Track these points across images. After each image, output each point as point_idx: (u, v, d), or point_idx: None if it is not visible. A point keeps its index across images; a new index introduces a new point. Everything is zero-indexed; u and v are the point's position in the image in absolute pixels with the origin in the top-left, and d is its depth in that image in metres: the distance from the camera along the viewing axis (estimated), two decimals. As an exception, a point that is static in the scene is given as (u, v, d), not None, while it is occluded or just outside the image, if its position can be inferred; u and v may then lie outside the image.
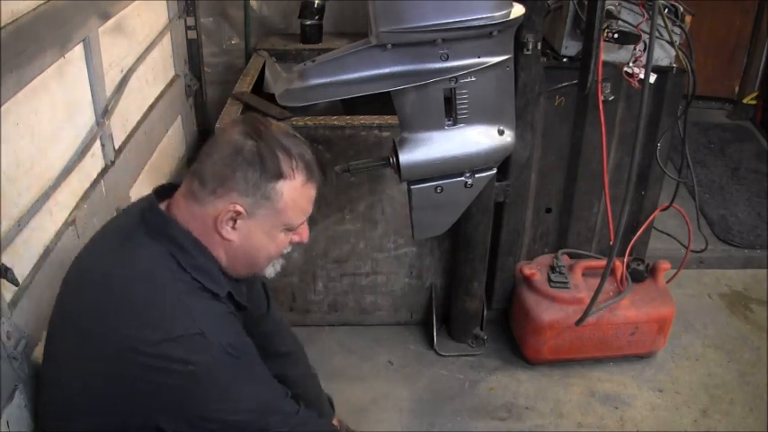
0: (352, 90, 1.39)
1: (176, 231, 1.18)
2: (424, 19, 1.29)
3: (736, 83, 4.00)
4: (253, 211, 1.17)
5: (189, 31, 2.76)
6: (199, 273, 1.18)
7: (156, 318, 1.11)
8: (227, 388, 1.16)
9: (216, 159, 1.16)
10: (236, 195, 1.15)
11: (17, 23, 1.31)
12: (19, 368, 1.27)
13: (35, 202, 1.42)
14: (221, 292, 1.21)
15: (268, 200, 1.17)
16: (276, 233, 1.23)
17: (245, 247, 1.22)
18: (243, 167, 1.14)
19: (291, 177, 1.17)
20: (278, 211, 1.19)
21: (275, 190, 1.16)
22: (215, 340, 1.12)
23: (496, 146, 1.48)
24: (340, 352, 2.37)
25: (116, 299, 1.14)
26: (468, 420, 2.12)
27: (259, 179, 1.15)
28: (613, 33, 1.93)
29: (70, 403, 1.20)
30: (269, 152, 1.15)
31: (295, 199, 1.19)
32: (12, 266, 1.25)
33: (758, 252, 2.93)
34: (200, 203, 1.18)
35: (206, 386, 1.13)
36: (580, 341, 2.25)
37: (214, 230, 1.19)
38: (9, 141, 1.31)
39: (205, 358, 1.11)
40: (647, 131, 2.23)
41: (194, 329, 1.11)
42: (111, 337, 1.11)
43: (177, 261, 1.16)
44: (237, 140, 1.15)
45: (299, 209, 1.22)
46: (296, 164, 1.18)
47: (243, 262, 1.25)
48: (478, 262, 2.25)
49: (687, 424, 2.13)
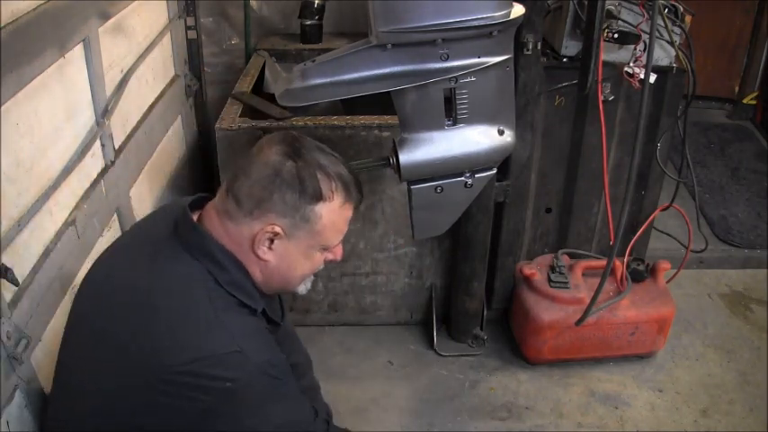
0: (352, 90, 1.39)
1: (213, 247, 1.16)
2: (424, 19, 1.29)
3: (736, 83, 4.00)
4: (291, 232, 1.16)
5: (189, 31, 2.76)
6: (235, 289, 1.16)
7: (193, 335, 1.10)
8: (262, 406, 1.15)
9: (254, 180, 1.14)
10: (274, 217, 1.14)
11: (17, 23, 1.31)
12: (19, 368, 1.27)
13: (35, 202, 1.41)
14: (258, 307, 1.21)
15: (307, 222, 1.16)
16: (312, 253, 1.23)
17: (280, 267, 1.21)
18: (282, 189, 1.13)
19: (330, 199, 1.17)
20: (316, 233, 1.18)
21: (314, 212, 1.16)
22: (254, 358, 1.11)
23: (496, 146, 1.49)
24: (340, 352, 2.37)
25: (151, 314, 1.12)
26: (468, 420, 2.12)
27: (298, 201, 1.14)
28: (613, 33, 1.93)
29: (87, 416, 1.17)
30: (308, 174, 1.14)
31: (334, 220, 1.19)
32: (12, 266, 1.25)
33: (758, 252, 2.92)
34: (236, 223, 1.16)
35: (241, 403, 1.11)
36: (580, 341, 2.25)
37: (250, 250, 1.17)
38: (9, 141, 1.31)
39: (243, 375, 1.09)
40: (647, 131, 2.23)
41: (233, 347, 1.09)
42: (144, 354, 1.09)
43: (214, 278, 1.15)
44: (276, 161, 1.14)
45: (336, 230, 1.22)
46: (335, 185, 1.17)
47: (277, 280, 1.24)
48: (478, 262, 2.25)
49: (687, 424, 2.13)
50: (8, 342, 1.24)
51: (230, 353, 1.09)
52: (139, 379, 1.09)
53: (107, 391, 1.13)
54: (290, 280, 1.26)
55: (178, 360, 1.07)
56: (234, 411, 1.11)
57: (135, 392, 1.10)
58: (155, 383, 1.08)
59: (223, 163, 2.10)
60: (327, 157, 1.19)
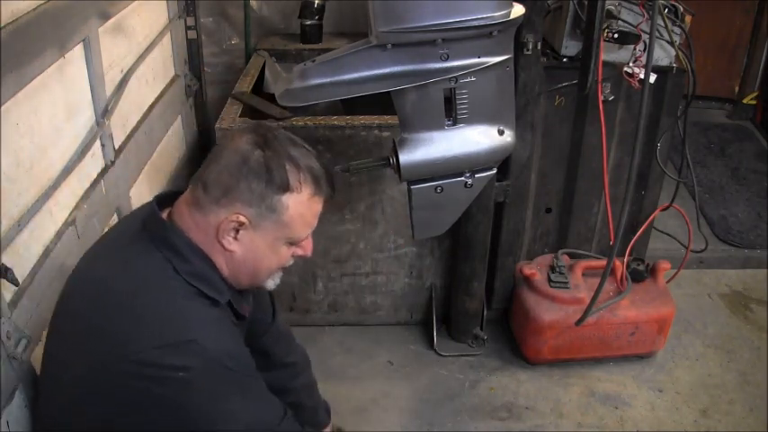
0: (352, 90, 1.39)
1: (175, 238, 1.16)
2: (424, 19, 1.29)
3: (736, 83, 4.00)
4: (256, 222, 1.15)
5: (189, 31, 2.76)
6: (196, 279, 1.16)
7: (150, 325, 1.09)
8: (221, 399, 1.13)
9: (222, 167, 1.14)
10: (240, 205, 1.13)
11: (17, 23, 1.30)
12: (19, 368, 1.27)
13: (35, 202, 1.41)
14: (221, 299, 1.20)
15: (273, 212, 1.15)
16: (279, 246, 1.21)
17: (246, 259, 1.20)
18: (249, 177, 1.12)
19: (298, 190, 1.15)
20: (282, 224, 1.17)
21: (281, 202, 1.14)
22: (210, 347, 1.09)
23: (496, 146, 1.49)
24: (340, 352, 2.37)
25: (113, 306, 1.13)
26: (469, 420, 2.12)
27: (265, 190, 1.13)
28: (613, 33, 1.93)
29: (66, 408, 1.18)
30: (277, 163, 1.13)
31: (301, 213, 1.18)
32: (12, 266, 1.25)
33: (758, 252, 2.93)
34: (203, 212, 1.16)
35: (198, 396, 1.10)
36: (580, 341, 2.25)
37: (216, 240, 1.17)
38: (9, 141, 1.31)
39: (197, 365, 1.08)
40: (647, 131, 2.23)
41: (188, 336, 1.08)
42: (107, 346, 1.10)
43: (173, 267, 1.14)
44: (245, 150, 1.13)
45: (304, 222, 1.20)
46: (303, 177, 1.16)
47: (244, 273, 1.23)
48: (478, 262, 2.25)
49: (687, 424, 2.13)
50: (8, 342, 1.24)
51: (185, 341, 1.07)
52: (102, 372, 1.09)
53: (78, 384, 1.14)
54: (257, 273, 1.24)
55: (134, 349, 1.06)
56: (191, 404, 1.10)
57: (100, 386, 1.10)
58: (114, 375, 1.08)
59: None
60: (298, 149, 1.18)
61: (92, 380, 1.11)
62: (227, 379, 1.13)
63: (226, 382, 1.13)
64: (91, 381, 1.11)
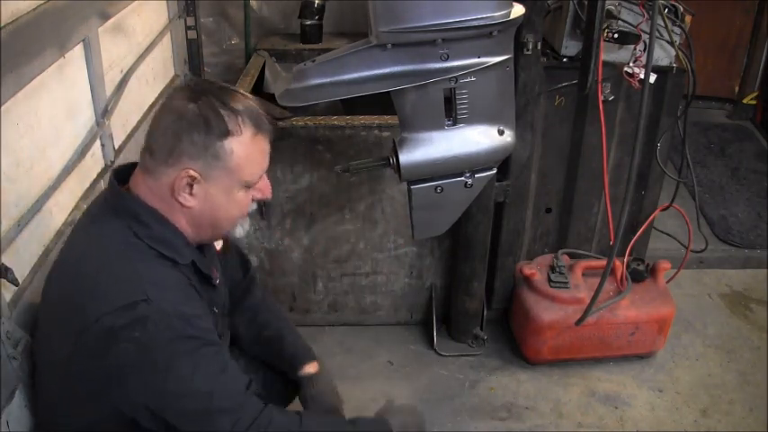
0: (352, 90, 1.39)
1: (133, 204, 1.18)
2: (423, 19, 1.29)
3: (736, 83, 4.00)
4: (206, 173, 1.16)
5: (189, 31, 2.76)
6: (156, 242, 1.17)
7: (106, 289, 1.11)
8: (175, 363, 1.11)
9: (162, 130, 1.16)
10: (187, 160, 1.14)
11: (17, 23, 1.30)
12: (19, 368, 1.27)
13: (35, 202, 1.42)
14: (182, 260, 1.21)
15: (219, 159, 1.15)
16: (235, 192, 1.21)
17: (205, 212, 1.20)
18: (188, 132, 1.13)
19: (239, 133, 1.15)
20: (232, 170, 1.17)
21: (224, 148, 1.15)
22: (163, 307, 1.10)
23: (496, 146, 1.48)
24: (340, 352, 2.37)
25: (75, 277, 1.16)
26: (469, 420, 2.12)
27: (206, 140, 1.13)
28: (613, 33, 1.93)
29: (55, 394, 1.21)
30: (212, 112, 1.13)
31: (247, 154, 1.18)
32: (12, 266, 1.25)
33: (758, 252, 2.93)
34: (155, 176, 1.17)
35: (153, 359, 1.09)
36: (580, 341, 2.25)
37: (173, 199, 1.18)
38: (9, 141, 1.31)
39: (149, 325, 1.08)
40: (647, 131, 2.23)
41: (139, 296, 1.09)
42: (70, 315, 1.12)
43: (134, 232, 1.17)
44: (179, 106, 1.14)
45: (253, 164, 1.20)
46: (241, 119, 1.16)
47: (207, 226, 1.24)
48: (478, 262, 2.25)
49: (687, 424, 2.13)
50: (8, 342, 1.24)
51: (137, 302, 1.08)
52: (69, 342, 1.12)
53: (63, 365, 1.15)
54: (220, 223, 1.25)
55: (92, 317, 1.08)
56: (147, 368, 1.10)
57: (70, 358, 1.12)
58: (79, 344, 1.10)
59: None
60: (232, 95, 1.18)
61: (69, 357, 1.13)
62: (178, 340, 1.11)
63: (178, 342, 1.11)
64: (69, 359, 1.13)
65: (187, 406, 1.13)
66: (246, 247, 2.27)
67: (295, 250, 2.29)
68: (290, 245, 2.28)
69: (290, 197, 2.18)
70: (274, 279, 2.35)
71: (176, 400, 1.13)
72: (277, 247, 2.28)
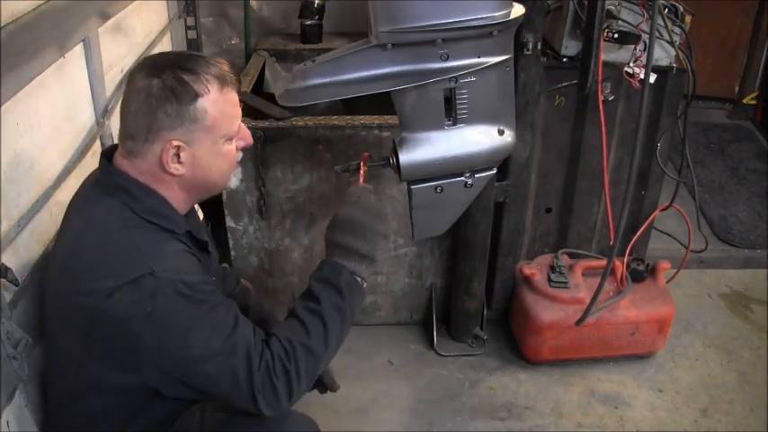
0: (352, 90, 1.38)
1: (126, 182, 1.22)
2: (423, 19, 1.29)
3: (736, 83, 4.00)
4: (189, 138, 1.20)
5: (189, 31, 2.76)
6: (153, 215, 1.21)
7: (109, 266, 1.14)
8: (191, 330, 1.15)
9: (133, 112, 1.19)
10: (167, 133, 1.18)
11: (17, 23, 1.30)
12: (19, 368, 1.27)
13: (35, 202, 1.42)
14: (179, 229, 1.24)
15: (196, 122, 1.19)
16: (219, 147, 1.25)
17: (197, 174, 1.25)
18: (160, 106, 1.17)
19: (206, 92, 1.19)
20: (210, 127, 1.21)
21: (197, 110, 1.19)
22: (167, 277, 1.13)
23: (496, 146, 1.48)
24: (340, 352, 2.35)
25: (76, 258, 1.19)
26: (469, 420, 2.12)
27: (178, 108, 1.17)
28: (613, 33, 1.93)
29: (70, 382, 1.25)
30: (175, 80, 1.17)
31: (220, 109, 1.22)
32: (12, 266, 1.25)
33: (758, 252, 2.93)
34: (141, 156, 1.21)
35: (169, 330, 1.13)
36: (580, 341, 2.25)
37: (164, 172, 1.22)
38: (9, 141, 1.31)
39: (159, 298, 1.11)
40: (647, 131, 2.23)
41: (145, 269, 1.12)
42: (76, 297, 1.15)
43: (130, 208, 1.20)
44: (143, 86, 1.18)
45: (228, 116, 1.24)
46: (204, 78, 1.19)
47: (201, 186, 1.29)
48: (478, 262, 2.25)
49: (687, 424, 2.13)
50: (8, 342, 1.24)
51: (143, 276, 1.12)
52: (78, 323, 1.15)
53: (67, 345, 1.21)
54: (214, 181, 1.29)
55: (101, 295, 1.11)
56: (164, 339, 1.14)
57: (84, 341, 1.16)
58: (93, 326, 1.14)
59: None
60: (190, 59, 1.22)
61: (84, 341, 1.17)
62: (190, 308, 1.15)
63: (190, 310, 1.15)
64: (84, 342, 1.17)
65: (207, 368, 1.17)
66: (246, 247, 2.27)
67: (295, 250, 2.29)
68: (290, 245, 2.28)
69: (290, 197, 2.18)
70: (274, 279, 2.35)
71: (198, 365, 1.17)
72: (277, 247, 2.29)
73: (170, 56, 1.25)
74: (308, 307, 1.30)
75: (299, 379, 1.23)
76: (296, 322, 1.28)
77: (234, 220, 2.22)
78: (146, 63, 1.22)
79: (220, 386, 1.18)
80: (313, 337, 1.27)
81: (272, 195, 2.16)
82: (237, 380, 1.17)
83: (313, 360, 1.27)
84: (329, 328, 1.29)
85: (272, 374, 1.20)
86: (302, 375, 1.24)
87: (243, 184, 2.13)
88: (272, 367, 1.20)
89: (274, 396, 1.20)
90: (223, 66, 1.24)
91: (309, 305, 1.30)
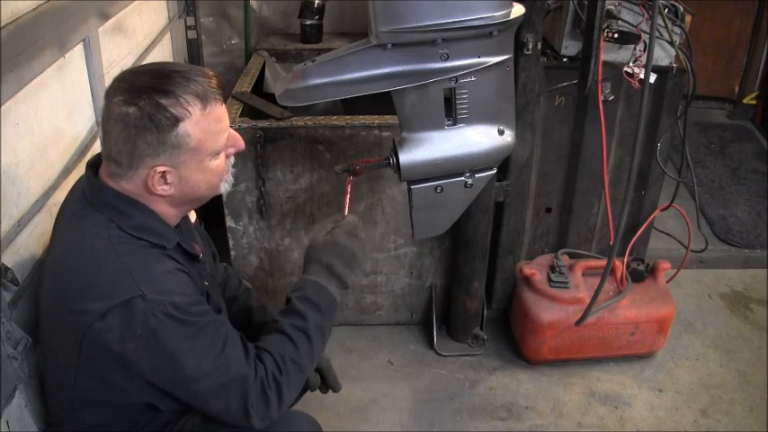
0: (352, 90, 1.39)
1: (113, 197, 1.20)
2: (423, 19, 1.29)
3: (736, 83, 4.00)
4: (174, 162, 1.17)
5: (189, 30, 2.76)
6: (141, 231, 1.20)
7: (100, 288, 1.13)
8: (181, 351, 1.14)
9: (114, 139, 1.16)
10: (151, 160, 1.16)
11: (17, 23, 1.31)
12: (19, 368, 1.27)
13: (35, 201, 1.42)
14: (169, 244, 1.23)
15: (179, 147, 1.16)
16: (207, 164, 1.22)
17: (185, 192, 1.23)
18: (139, 135, 1.13)
19: (188, 115, 1.14)
20: (195, 149, 1.18)
21: (179, 135, 1.15)
22: (157, 299, 1.12)
23: (496, 146, 1.48)
24: (340, 352, 2.37)
25: (66, 276, 1.18)
26: (468, 420, 2.12)
27: (159, 136, 1.14)
28: (613, 33, 1.93)
29: (68, 395, 1.26)
30: (152, 107, 1.12)
31: (204, 129, 1.17)
32: (12, 266, 1.25)
33: (758, 252, 2.93)
34: (126, 179, 1.20)
35: (160, 352, 1.14)
36: (580, 341, 2.25)
37: (151, 194, 1.21)
38: (9, 141, 1.31)
39: (149, 320, 1.11)
40: (647, 131, 2.23)
41: (135, 291, 1.11)
42: (67, 315, 1.15)
43: (117, 225, 1.18)
44: (121, 114, 1.13)
45: (212, 134, 1.20)
46: (184, 100, 1.14)
47: (191, 201, 1.28)
48: (478, 262, 2.25)
49: (687, 424, 2.13)
50: (8, 342, 1.24)
51: (134, 298, 1.11)
52: (72, 347, 1.16)
53: (62, 363, 1.21)
54: (203, 195, 1.28)
55: (92, 316, 1.11)
56: (156, 360, 1.14)
57: (78, 362, 1.17)
58: (83, 348, 1.15)
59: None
60: (167, 79, 1.15)
61: (78, 362, 1.18)
62: (180, 329, 1.15)
63: (179, 330, 1.15)
64: (78, 363, 1.18)
65: (200, 386, 1.18)
66: (246, 247, 2.27)
67: (295, 250, 2.29)
68: (290, 245, 2.28)
69: (290, 197, 2.18)
70: (274, 279, 2.35)
71: (190, 384, 1.17)
72: (277, 247, 2.29)
73: (146, 76, 1.15)
74: (294, 324, 1.30)
75: (290, 392, 1.26)
76: (285, 338, 1.29)
77: (234, 220, 2.22)
78: (121, 86, 1.15)
79: (212, 403, 1.19)
80: (301, 352, 1.28)
81: (272, 195, 2.16)
82: (229, 397, 1.18)
83: (300, 375, 1.29)
84: (314, 344, 1.30)
85: (266, 389, 1.21)
86: (292, 388, 1.27)
87: (243, 185, 2.13)
88: (266, 383, 1.21)
89: (267, 409, 1.22)
90: (205, 79, 1.17)
91: (296, 323, 1.30)
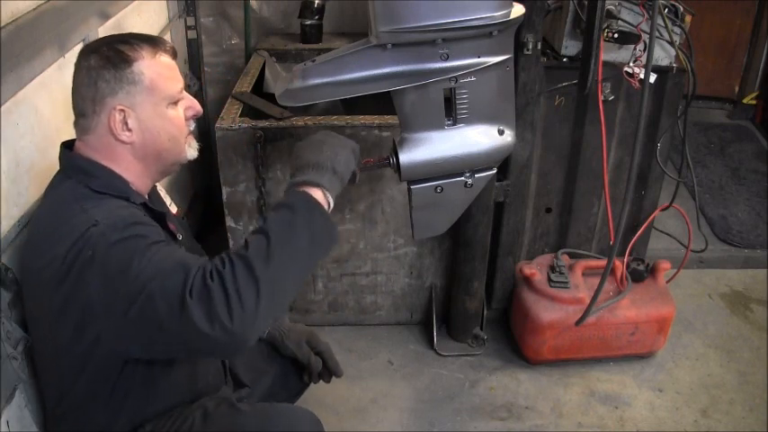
0: (352, 90, 1.38)
1: (80, 161, 1.27)
2: (423, 19, 1.29)
3: (736, 83, 4.00)
4: (131, 101, 1.25)
5: (189, 30, 2.76)
6: (106, 188, 1.25)
7: (61, 233, 1.17)
8: (129, 262, 1.11)
9: (78, 90, 1.25)
10: (110, 99, 1.23)
11: (17, 23, 1.31)
12: (19, 368, 1.27)
13: (35, 201, 1.42)
14: (134, 199, 1.28)
15: (135, 84, 1.24)
16: (163, 110, 1.29)
17: (147, 140, 1.28)
18: (99, 76, 1.23)
19: (141, 57, 1.25)
20: (150, 89, 1.26)
21: (134, 72, 1.24)
22: (108, 222, 1.16)
23: (496, 146, 1.48)
24: (340, 352, 2.37)
25: (34, 236, 1.26)
26: (468, 420, 2.12)
27: (116, 73, 1.23)
28: (613, 33, 1.93)
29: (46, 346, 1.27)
30: (110, 50, 1.24)
31: (157, 71, 1.27)
32: (12, 266, 1.25)
33: (758, 252, 2.93)
34: (92, 130, 1.26)
35: (109, 266, 1.12)
36: (580, 341, 2.25)
37: (116, 142, 1.26)
38: (9, 141, 1.31)
39: (99, 240, 1.14)
40: (647, 131, 2.23)
41: (90, 222, 1.16)
42: (45, 272, 1.17)
43: (85, 185, 1.24)
44: (83, 63, 1.24)
45: (165, 78, 1.28)
46: (137, 44, 1.26)
47: (155, 154, 1.31)
48: (478, 262, 2.25)
49: (687, 424, 2.13)
50: (8, 342, 1.24)
51: (89, 228, 1.15)
52: (48, 298, 1.18)
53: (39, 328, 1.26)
54: (165, 147, 1.31)
55: (61, 259, 1.14)
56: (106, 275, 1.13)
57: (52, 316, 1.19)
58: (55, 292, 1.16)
59: (223, 163, 2.10)
60: (123, 35, 1.30)
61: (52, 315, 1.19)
62: (126, 240, 1.15)
63: (126, 242, 1.15)
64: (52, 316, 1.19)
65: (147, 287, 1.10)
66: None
67: (295, 250, 2.29)
68: (290, 245, 2.28)
69: (290, 197, 2.18)
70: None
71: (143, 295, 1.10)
72: (277, 247, 2.28)
73: (107, 37, 1.32)
74: (253, 230, 1.21)
75: (237, 288, 1.09)
76: (241, 245, 1.19)
77: (234, 220, 2.22)
78: (84, 47, 1.29)
79: (158, 300, 1.09)
80: (251, 249, 1.14)
81: (272, 195, 2.16)
82: (168, 288, 1.09)
83: (251, 274, 1.11)
84: (272, 240, 1.15)
85: (206, 279, 1.09)
86: (241, 286, 1.09)
87: (243, 185, 2.13)
88: (207, 274, 1.10)
89: (210, 301, 1.07)
90: (158, 37, 1.32)
91: (256, 228, 1.21)
